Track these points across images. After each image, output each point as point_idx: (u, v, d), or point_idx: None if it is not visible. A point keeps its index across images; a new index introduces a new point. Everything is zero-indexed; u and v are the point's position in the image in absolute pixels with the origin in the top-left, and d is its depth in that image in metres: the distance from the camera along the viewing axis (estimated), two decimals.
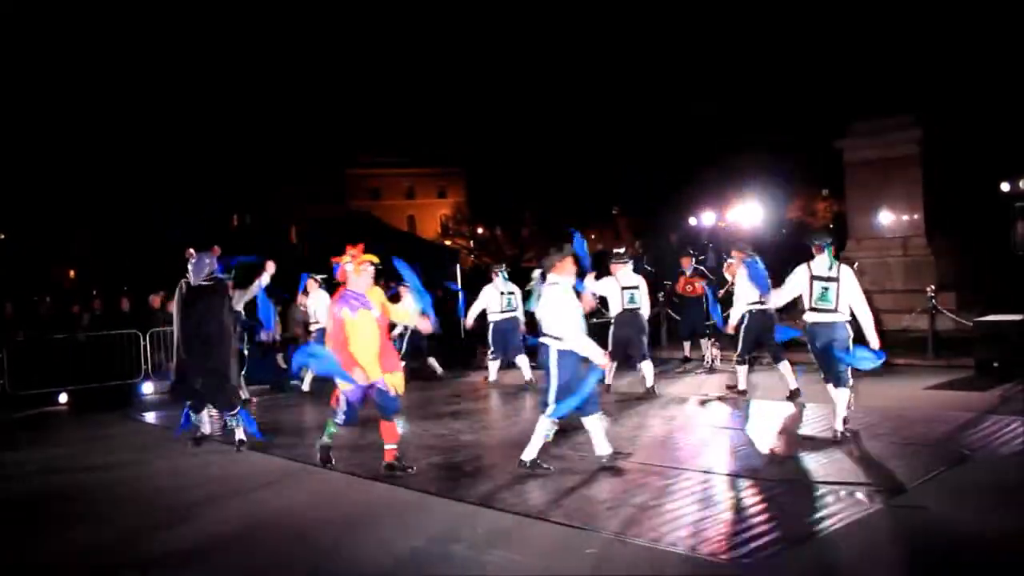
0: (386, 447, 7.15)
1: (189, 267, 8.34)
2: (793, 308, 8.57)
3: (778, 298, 8.32)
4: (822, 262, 7.64)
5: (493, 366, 12.49)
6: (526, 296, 9.23)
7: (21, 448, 9.75)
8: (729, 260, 10.69)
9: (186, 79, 50.88)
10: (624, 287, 10.43)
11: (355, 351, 6.89)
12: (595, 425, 6.91)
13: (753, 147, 37.61)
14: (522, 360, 11.95)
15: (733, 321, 9.88)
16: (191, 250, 8.37)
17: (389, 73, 74.71)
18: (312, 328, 12.31)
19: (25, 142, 41.16)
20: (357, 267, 7.04)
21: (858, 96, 16.50)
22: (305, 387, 12.67)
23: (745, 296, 9.66)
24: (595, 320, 15.43)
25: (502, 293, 12.21)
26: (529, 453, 6.89)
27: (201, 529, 6.02)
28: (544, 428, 6.85)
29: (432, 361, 13.83)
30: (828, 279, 7.54)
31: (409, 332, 12.79)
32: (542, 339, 6.84)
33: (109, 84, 47.19)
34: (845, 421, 7.48)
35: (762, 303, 9.41)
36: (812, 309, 7.61)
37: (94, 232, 41.79)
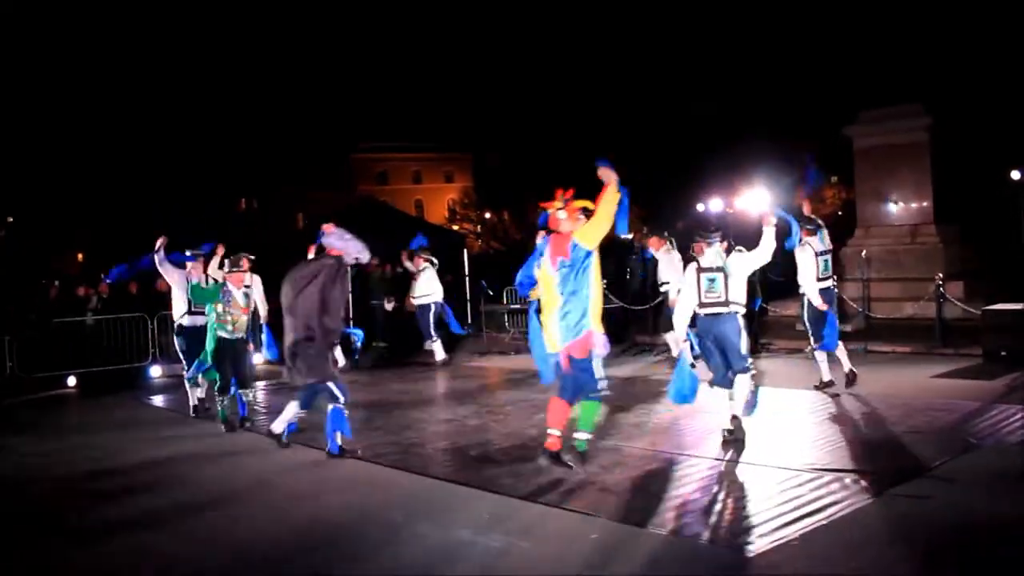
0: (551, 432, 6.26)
1: (333, 241, 7.58)
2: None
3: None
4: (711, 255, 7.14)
5: None
6: None
7: (28, 433, 9.84)
8: (739, 247, 10.68)
9: (191, 65, 50.90)
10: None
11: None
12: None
13: (762, 134, 37.45)
14: None
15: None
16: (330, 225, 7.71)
17: (396, 57, 74.59)
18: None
19: (31, 126, 41.21)
20: (571, 214, 6.30)
21: (868, 84, 16.40)
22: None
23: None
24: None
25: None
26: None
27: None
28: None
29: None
30: (716, 269, 7.06)
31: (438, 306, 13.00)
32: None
33: (114, 70, 47.20)
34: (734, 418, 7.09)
35: None
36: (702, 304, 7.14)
37: (100, 216, 41.90)
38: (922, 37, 15.87)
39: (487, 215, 57.01)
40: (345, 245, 7.34)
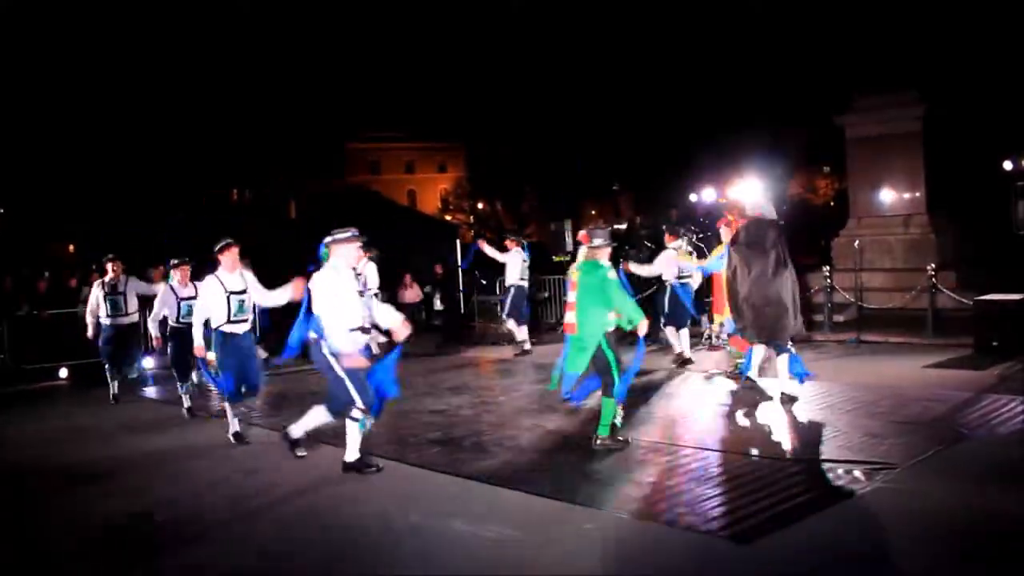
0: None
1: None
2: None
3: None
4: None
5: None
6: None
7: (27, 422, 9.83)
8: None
9: (183, 55, 50.56)
10: None
11: None
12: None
13: (754, 123, 37.45)
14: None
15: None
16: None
17: (389, 46, 74.17)
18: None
19: (22, 116, 40.95)
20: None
21: (860, 72, 16.38)
22: None
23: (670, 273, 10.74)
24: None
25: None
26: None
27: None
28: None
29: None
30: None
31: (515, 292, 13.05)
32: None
33: (105, 59, 46.88)
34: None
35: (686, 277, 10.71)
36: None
37: (91, 207, 41.70)
38: (915, 26, 15.85)
39: (480, 205, 56.98)
40: None
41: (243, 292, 7.72)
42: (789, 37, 35.90)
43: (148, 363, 13.27)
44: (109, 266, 10.53)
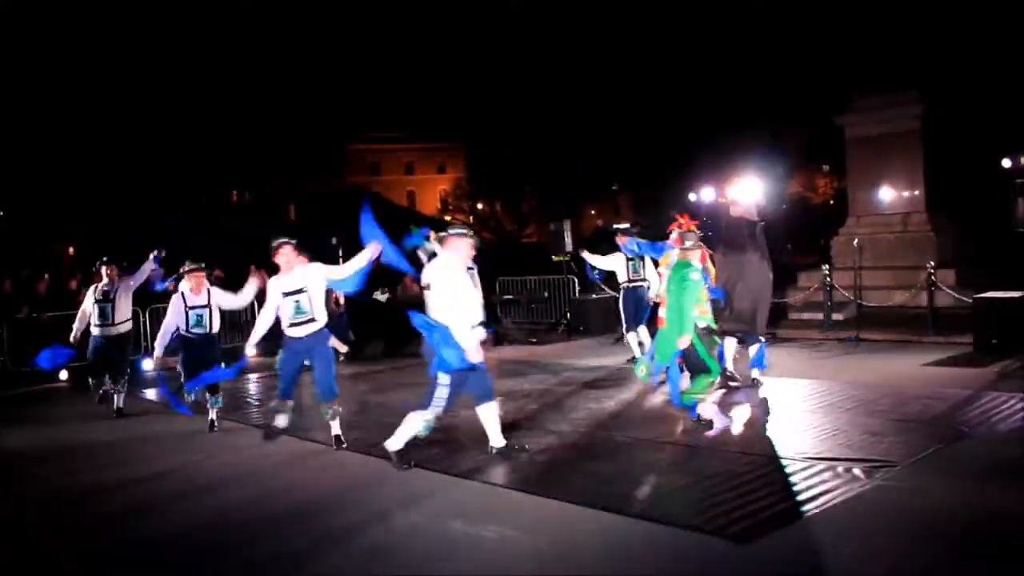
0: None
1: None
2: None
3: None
4: None
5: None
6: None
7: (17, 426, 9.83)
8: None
9: (184, 56, 50.56)
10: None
11: None
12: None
13: (754, 123, 37.47)
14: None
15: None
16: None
17: (389, 46, 74.20)
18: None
19: (22, 116, 40.94)
20: None
21: (859, 72, 16.37)
22: None
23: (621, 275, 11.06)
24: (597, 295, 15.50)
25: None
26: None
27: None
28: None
29: None
30: None
31: None
32: None
33: (105, 60, 46.88)
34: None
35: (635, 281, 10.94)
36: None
37: (91, 208, 41.71)
38: (914, 25, 15.85)
39: (479, 206, 57.00)
40: None
41: (299, 292, 7.23)
42: (789, 37, 35.93)
43: (148, 364, 13.28)
44: (104, 271, 10.00)
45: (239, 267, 9.29)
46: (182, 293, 8.63)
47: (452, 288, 6.29)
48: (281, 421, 7.53)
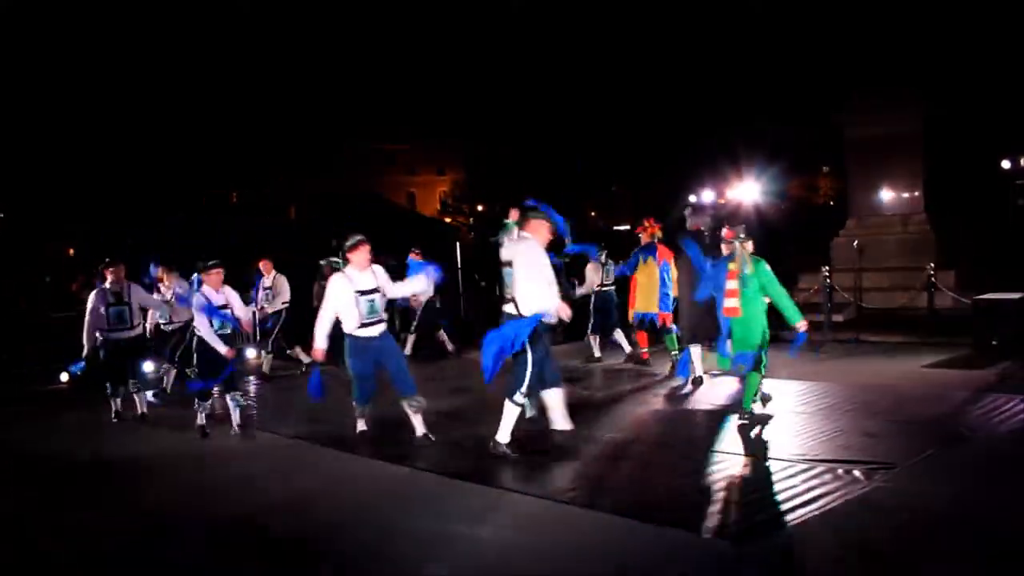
0: None
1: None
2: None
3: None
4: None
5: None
6: None
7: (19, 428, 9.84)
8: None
9: (184, 53, 50.53)
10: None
11: None
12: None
13: (754, 124, 37.44)
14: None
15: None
16: None
17: (388, 47, 74.14)
18: None
19: (21, 116, 40.91)
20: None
21: (860, 73, 16.40)
22: None
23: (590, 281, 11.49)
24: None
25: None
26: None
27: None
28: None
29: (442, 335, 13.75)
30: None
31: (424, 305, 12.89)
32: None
33: (105, 57, 46.85)
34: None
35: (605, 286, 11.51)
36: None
37: (91, 210, 41.68)
38: (915, 26, 15.88)
39: (480, 207, 56.95)
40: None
41: (374, 291, 7.20)
42: (789, 38, 35.91)
43: (148, 367, 13.26)
44: (109, 272, 9.34)
45: (240, 267, 9.23)
46: (202, 293, 8.25)
47: (533, 262, 6.60)
48: (360, 425, 7.66)
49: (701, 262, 8.44)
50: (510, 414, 6.66)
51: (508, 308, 6.73)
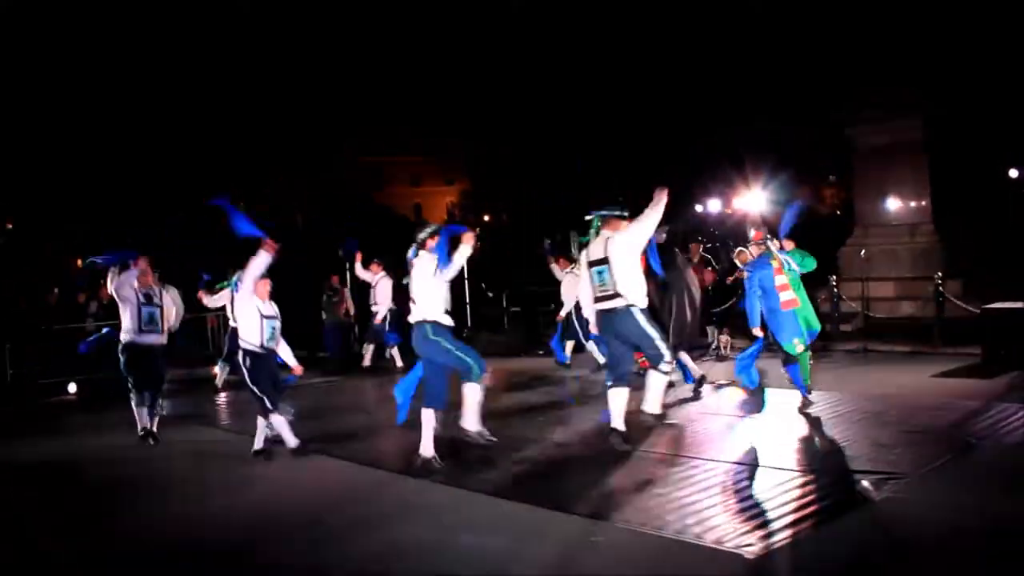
0: None
1: None
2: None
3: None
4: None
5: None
6: None
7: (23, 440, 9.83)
8: (739, 248, 10.79)
9: (184, 54, 50.60)
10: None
11: None
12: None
13: (757, 127, 37.40)
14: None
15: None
16: None
17: (388, 46, 74.15)
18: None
19: (21, 116, 40.98)
20: None
21: (866, 82, 16.38)
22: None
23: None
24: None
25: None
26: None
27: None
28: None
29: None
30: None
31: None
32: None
33: (105, 57, 46.93)
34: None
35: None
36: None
37: (96, 219, 41.76)
38: (922, 35, 15.87)
39: (486, 218, 57.01)
40: None
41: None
42: (793, 45, 35.91)
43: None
44: (139, 266, 8.53)
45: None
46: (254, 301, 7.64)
47: (633, 254, 7.04)
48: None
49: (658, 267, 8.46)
50: (659, 384, 7.21)
51: (613, 304, 6.97)
